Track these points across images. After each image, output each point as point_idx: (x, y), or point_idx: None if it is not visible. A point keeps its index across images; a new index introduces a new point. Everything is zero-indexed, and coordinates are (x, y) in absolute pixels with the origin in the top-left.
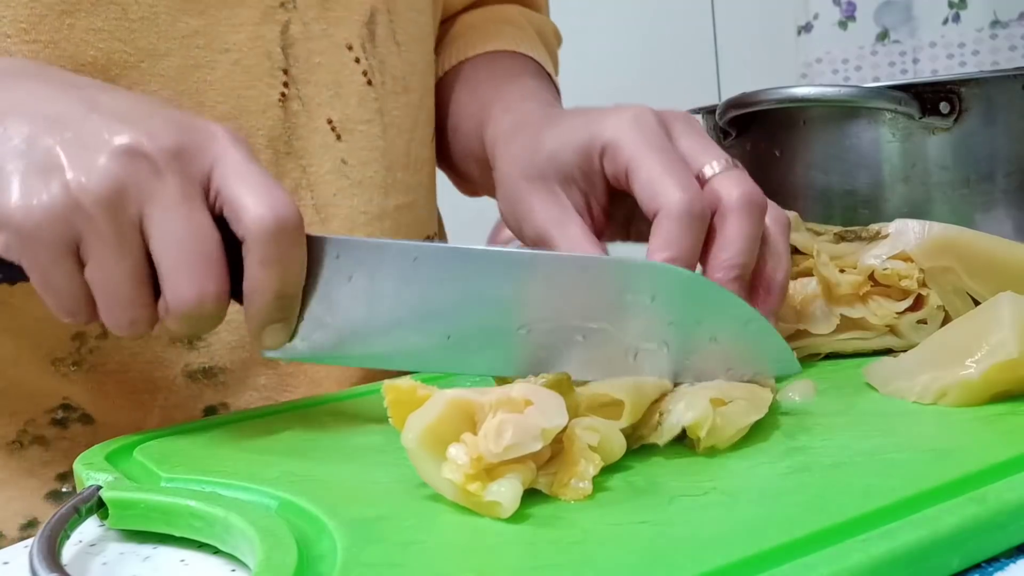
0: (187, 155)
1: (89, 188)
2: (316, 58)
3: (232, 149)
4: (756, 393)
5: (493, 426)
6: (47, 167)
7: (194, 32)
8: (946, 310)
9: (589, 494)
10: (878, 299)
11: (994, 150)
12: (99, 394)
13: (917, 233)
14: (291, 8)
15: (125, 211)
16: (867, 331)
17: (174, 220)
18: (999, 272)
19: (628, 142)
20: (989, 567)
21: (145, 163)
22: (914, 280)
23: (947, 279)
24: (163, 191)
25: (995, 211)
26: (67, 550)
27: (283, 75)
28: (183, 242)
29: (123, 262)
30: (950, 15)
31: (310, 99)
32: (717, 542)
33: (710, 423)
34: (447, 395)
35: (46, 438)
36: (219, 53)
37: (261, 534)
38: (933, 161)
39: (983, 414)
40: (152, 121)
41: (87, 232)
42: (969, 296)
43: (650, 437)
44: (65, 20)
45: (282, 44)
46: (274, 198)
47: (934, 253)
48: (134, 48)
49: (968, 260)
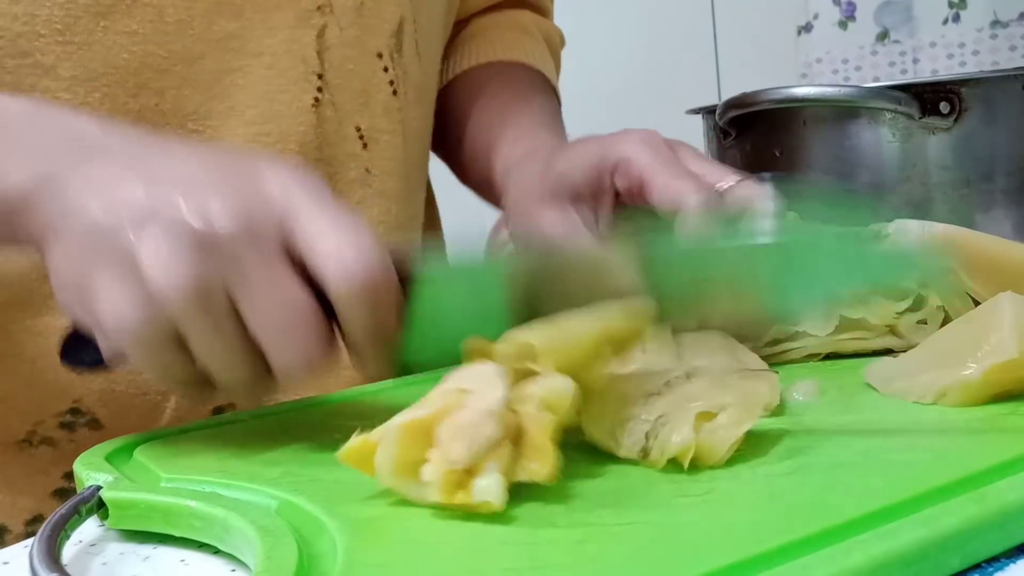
0: (257, 227)
1: (169, 288)
2: (349, 65)
3: (300, 196)
4: (751, 394)
5: (446, 436)
6: (123, 265)
7: (229, 35)
8: (946, 310)
9: (554, 465)
10: (878, 299)
11: (994, 150)
12: (110, 395)
13: (917, 233)
14: (327, 12)
15: (212, 301)
16: (867, 331)
17: (260, 292)
18: (999, 272)
19: (640, 157)
20: (989, 567)
21: (216, 250)
22: (914, 280)
23: (947, 279)
24: (244, 272)
25: (995, 211)
26: (67, 550)
27: (317, 80)
28: (277, 317)
29: (224, 341)
30: (950, 15)
31: (342, 105)
32: (716, 542)
33: (692, 452)
34: (394, 425)
35: (54, 439)
36: (253, 57)
37: (261, 534)
38: (933, 161)
39: (983, 414)
40: (218, 193)
41: (181, 326)
42: (969, 296)
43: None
44: (99, 22)
45: (317, 48)
46: (354, 246)
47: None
48: (167, 51)
49: (968, 260)
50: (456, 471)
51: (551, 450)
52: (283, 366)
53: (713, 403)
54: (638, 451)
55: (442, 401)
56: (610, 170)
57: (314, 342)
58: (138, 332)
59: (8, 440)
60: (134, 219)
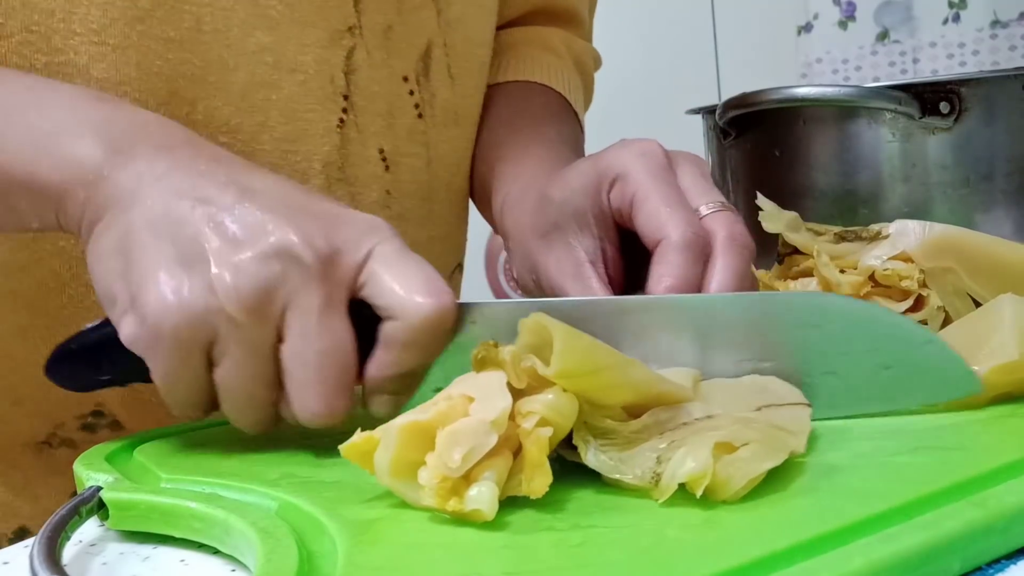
0: (340, 257)
1: (235, 290)
2: (375, 87)
3: (392, 241)
4: (775, 435)
5: (445, 442)
6: (192, 258)
7: (264, 48)
8: (947, 311)
9: (546, 483)
10: (879, 300)
11: (994, 150)
12: (133, 400)
13: (917, 233)
14: (357, 34)
15: (269, 317)
16: None
17: (315, 329)
18: (1000, 273)
19: (635, 172)
20: (990, 570)
21: (296, 267)
22: (914, 281)
23: (948, 280)
24: (309, 299)
25: (995, 211)
26: (67, 550)
27: (343, 101)
28: (320, 357)
29: (255, 366)
30: (950, 15)
31: (366, 127)
32: (717, 546)
33: (708, 480)
34: (395, 425)
35: (75, 441)
36: (286, 72)
37: (261, 535)
38: (933, 161)
39: (984, 416)
40: (306, 217)
41: (225, 335)
42: (970, 297)
43: (651, 493)
44: (136, 26)
45: (345, 69)
46: (435, 286)
47: (935, 254)
48: (203, 60)
49: (969, 261)
50: (451, 478)
51: (545, 467)
52: (301, 407)
53: (735, 436)
54: (649, 477)
55: (446, 406)
56: (608, 187)
57: (341, 397)
58: (178, 325)
59: (28, 441)
60: (217, 215)
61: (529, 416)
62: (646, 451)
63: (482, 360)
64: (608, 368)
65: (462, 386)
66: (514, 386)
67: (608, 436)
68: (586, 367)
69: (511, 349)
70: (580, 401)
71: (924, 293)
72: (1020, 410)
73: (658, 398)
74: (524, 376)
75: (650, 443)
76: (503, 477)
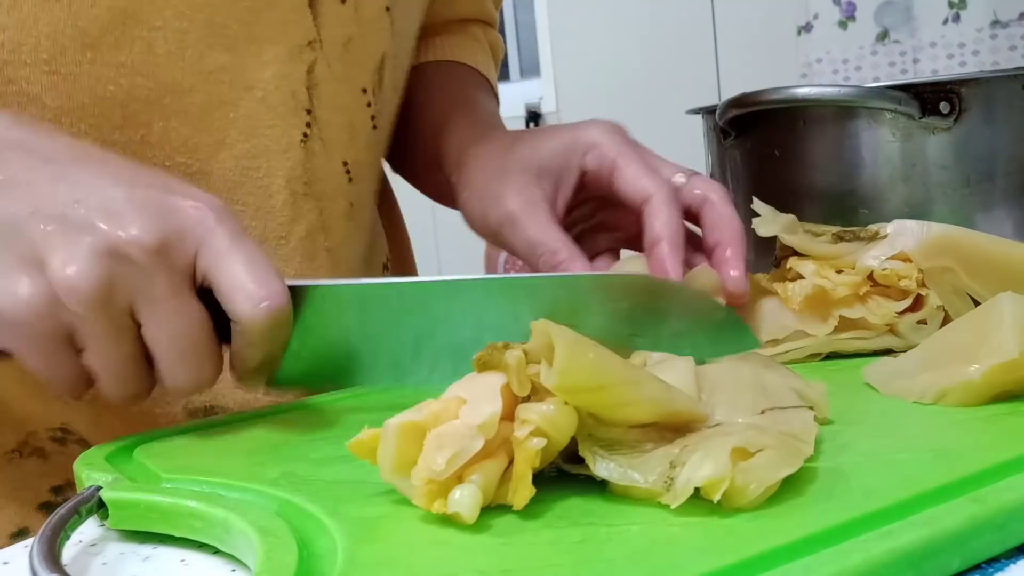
0: (171, 248)
1: (74, 288)
2: (337, 100)
3: (219, 230)
4: (790, 442)
5: (431, 445)
6: (31, 261)
7: (220, 68)
8: (946, 310)
9: (526, 497)
10: (877, 299)
11: (994, 150)
12: (98, 425)
13: (916, 233)
14: (317, 48)
15: (114, 307)
16: (867, 331)
17: (165, 316)
18: (998, 272)
19: (611, 143)
20: (989, 567)
21: (129, 263)
22: (913, 280)
23: (946, 279)
24: (150, 288)
25: (995, 211)
26: (67, 550)
27: (307, 115)
28: (175, 337)
29: (119, 349)
30: (950, 15)
31: (330, 140)
32: (717, 543)
33: (727, 485)
34: (392, 425)
35: (45, 451)
36: (244, 90)
37: (261, 534)
38: (933, 161)
39: (983, 414)
40: (134, 212)
41: (78, 326)
42: (969, 296)
43: (662, 498)
44: (87, 54)
45: (307, 84)
46: (262, 283)
47: (933, 253)
48: (156, 83)
49: (967, 260)
50: (435, 483)
51: (527, 481)
52: (175, 386)
53: (751, 442)
54: (662, 482)
55: (438, 407)
56: (581, 152)
57: (207, 367)
58: (32, 324)
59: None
60: (50, 215)
61: (524, 425)
62: (658, 456)
63: (484, 363)
64: (616, 385)
65: (459, 387)
66: (515, 392)
67: (614, 447)
68: (591, 383)
69: (518, 354)
70: (585, 415)
71: (923, 293)
72: (1019, 408)
73: (671, 417)
74: (527, 383)
75: (662, 448)
76: (493, 480)
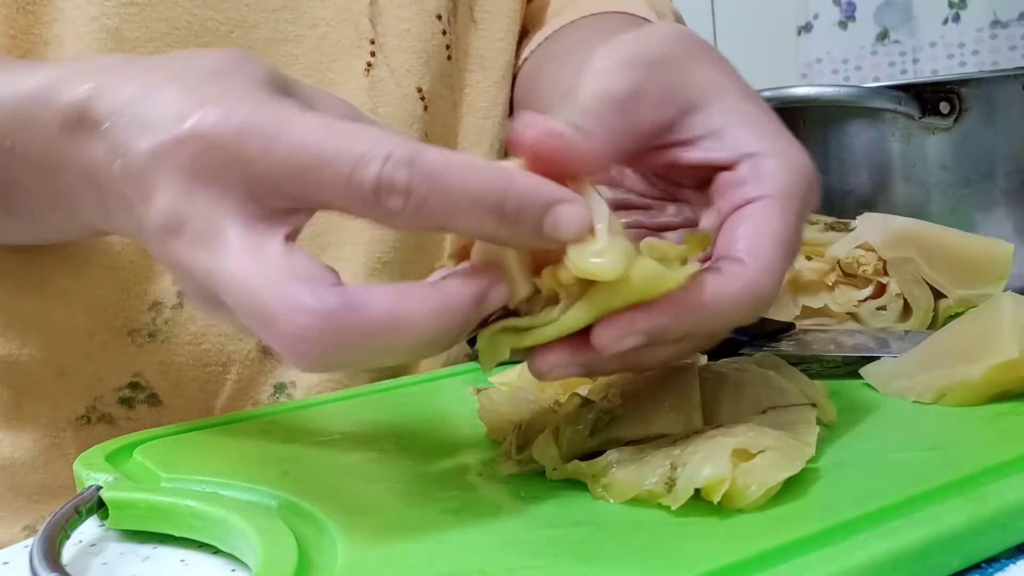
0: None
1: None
2: (405, 25)
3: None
4: (791, 442)
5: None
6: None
7: (283, 6)
8: (905, 297)
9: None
10: (843, 288)
11: (994, 150)
12: (171, 368)
13: (880, 226)
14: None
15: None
16: (830, 318)
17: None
18: (955, 262)
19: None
20: (989, 567)
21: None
22: (871, 267)
23: (908, 268)
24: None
25: (995, 211)
26: (67, 550)
27: (370, 45)
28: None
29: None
30: (950, 15)
31: (399, 67)
32: (718, 542)
33: (727, 487)
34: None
35: (112, 416)
36: (307, 28)
37: (261, 534)
38: (933, 161)
39: (983, 414)
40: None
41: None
42: (927, 284)
43: (662, 500)
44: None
45: (370, 15)
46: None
47: (895, 244)
48: (224, 17)
49: (927, 251)
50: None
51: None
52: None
53: (752, 443)
54: (663, 484)
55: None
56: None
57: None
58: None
59: (69, 417)
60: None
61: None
62: (659, 458)
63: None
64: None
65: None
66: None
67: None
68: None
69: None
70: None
71: (884, 281)
72: (1019, 408)
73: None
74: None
75: (663, 450)
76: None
